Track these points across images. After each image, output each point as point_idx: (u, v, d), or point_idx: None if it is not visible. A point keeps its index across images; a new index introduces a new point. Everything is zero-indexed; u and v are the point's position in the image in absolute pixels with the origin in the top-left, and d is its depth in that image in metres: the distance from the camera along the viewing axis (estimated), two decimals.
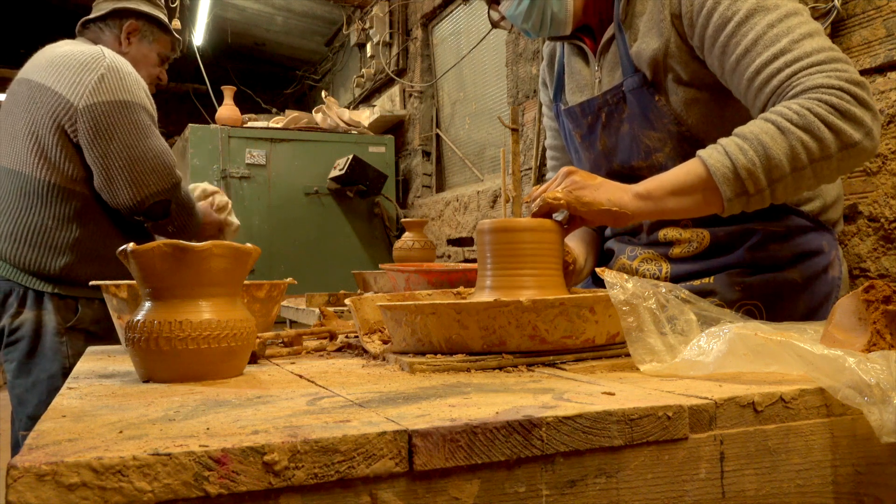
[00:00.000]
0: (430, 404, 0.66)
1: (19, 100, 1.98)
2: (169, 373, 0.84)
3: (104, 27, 2.15)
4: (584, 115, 1.37)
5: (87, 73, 1.89)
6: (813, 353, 0.70)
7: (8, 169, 1.96)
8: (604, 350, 0.92)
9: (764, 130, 1.03)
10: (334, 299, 2.31)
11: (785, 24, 1.10)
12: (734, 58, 1.13)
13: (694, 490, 0.65)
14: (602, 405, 0.64)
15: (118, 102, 1.87)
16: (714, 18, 1.15)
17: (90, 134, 1.86)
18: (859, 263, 1.57)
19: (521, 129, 3.00)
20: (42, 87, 1.92)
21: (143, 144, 1.88)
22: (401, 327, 0.93)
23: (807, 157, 1.03)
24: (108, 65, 1.91)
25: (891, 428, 0.64)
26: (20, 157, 1.93)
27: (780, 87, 1.08)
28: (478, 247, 1.08)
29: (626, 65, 1.27)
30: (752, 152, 1.03)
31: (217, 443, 0.53)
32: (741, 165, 1.03)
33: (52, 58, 1.97)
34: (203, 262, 0.83)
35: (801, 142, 1.02)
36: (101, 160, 1.87)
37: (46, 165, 1.91)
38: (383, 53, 4.42)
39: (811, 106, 1.03)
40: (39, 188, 1.91)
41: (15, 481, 0.48)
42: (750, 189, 1.04)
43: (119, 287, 1.16)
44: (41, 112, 1.90)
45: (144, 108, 1.93)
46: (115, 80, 1.89)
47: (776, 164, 1.03)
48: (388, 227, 4.21)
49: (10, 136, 1.97)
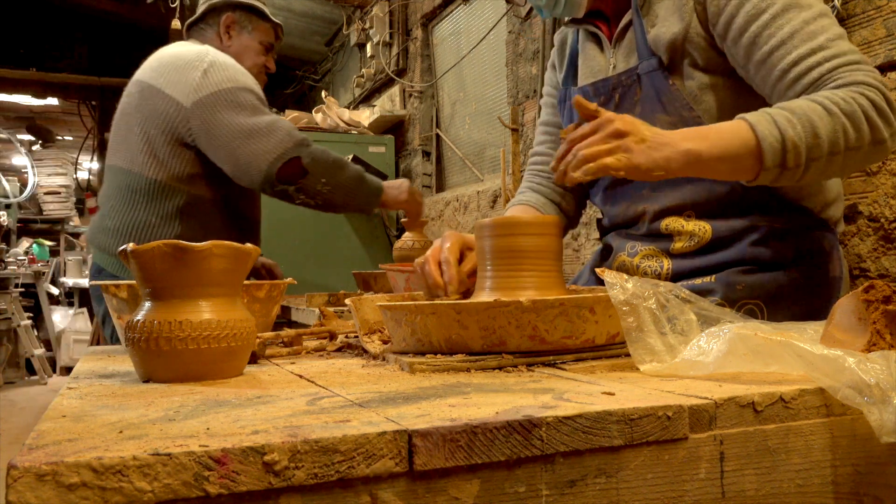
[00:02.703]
0: (430, 404, 0.66)
1: (132, 101, 2.07)
2: (169, 373, 0.84)
3: (205, 27, 2.23)
4: (598, 94, 1.37)
5: (192, 72, 1.97)
6: (813, 353, 0.70)
7: (119, 167, 2.06)
8: (604, 350, 0.92)
9: (812, 109, 1.05)
10: (334, 299, 2.31)
11: (820, 22, 1.13)
12: (767, 48, 1.14)
13: (694, 490, 0.65)
14: (602, 405, 0.64)
15: (222, 91, 1.96)
16: (746, 8, 1.17)
17: (204, 128, 1.95)
18: (859, 263, 1.57)
19: (521, 129, 2.99)
20: (151, 88, 2.01)
21: (251, 120, 1.95)
22: (401, 327, 0.93)
23: (844, 143, 1.05)
24: (210, 60, 1.99)
25: (891, 428, 0.64)
26: (132, 155, 2.02)
27: (820, 80, 1.10)
28: (477, 245, 1.08)
29: (643, 49, 1.29)
30: (800, 127, 1.04)
31: (217, 443, 0.53)
32: (788, 138, 1.04)
33: (161, 59, 2.07)
34: (203, 262, 0.83)
35: (843, 127, 1.05)
36: (222, 149, 1.95)
37: (155, 164, 1.99)
38: (383, 53, 4.42)
39: (855, 97, 1.05)
40: (147, 186, 2.00)
41: (15, 481, 0.48)
42: (790, 163, 1.05)
43: (119, 287, 1.16)
44: (151, 112, 1.99)
45: (249, 89, 2.00)
46: (218, 72, 1.98)
47: (819, 143, 1.04)
48: (388, 227, 4.20)
49: (125, 135, 2.06)
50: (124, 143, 2.06)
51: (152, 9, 5.44)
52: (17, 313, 6.79)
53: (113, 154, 2.12)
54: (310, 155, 1.99)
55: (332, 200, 2.05)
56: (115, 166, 2.08)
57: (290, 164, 1.95)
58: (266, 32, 2.27)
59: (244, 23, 2.23)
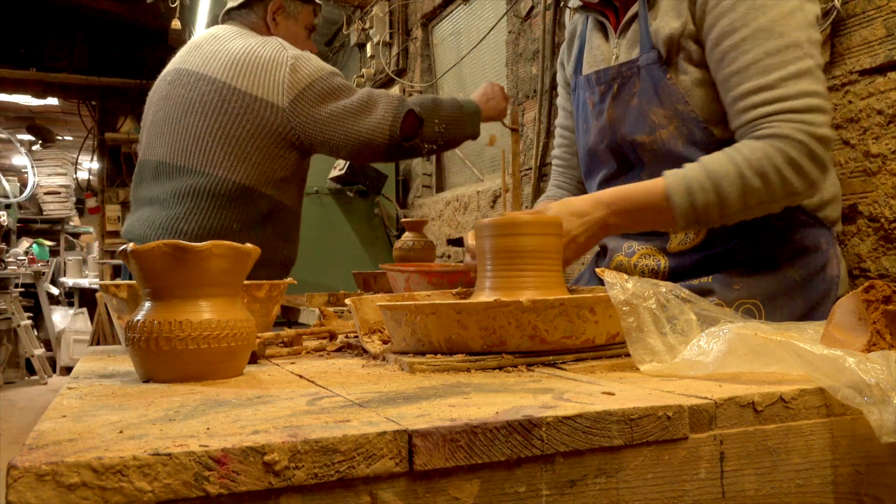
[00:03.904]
0: (430, 404, 0.66)
1: (206, 98, 1.97)
2: (169, 373, 0.84)
3: (249, 12, 2.18)
4: (599, 82, 1.40)
5: (278, 70, 1.95)
6: (813, 353, 0.70)
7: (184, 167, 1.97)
8: (604, 350, 0.92)
9: (726, 173, 1.15)
10: (334, 299, 2.30)
11: (782, 56, 1.15)
12: (727, 71, 1.20)
13: (694, 490, 0.65)
14: (602, 405, 0.64)
15: (314, 82, 1.96)
16: (724, 22, 1.19)
17: (310, 122, 1.94)
18: (859, 263, 1.56)
19: (521, 129, 2.99)
20: (233, 90, 1.95)
21: (352, 100, 1.96)
22: (401, 327, 0.93)
23: (756, 199, 1.15)
24: (291, 55, 1.98)
25: (891, 428, 0.64)
26: (206, 157, 1.95)
27: (754, 122, 1.17)
28: (477, 245, 1.08)
29: (645, 41, 1.30)
30: (712, 193, 1.15)
31: (217, 443, 0.53)
32: (698, 203, 1.15)
33: (232, 54, 1.99)
34: (203, 262, 0.83)
35: (753, 187, 1.14)
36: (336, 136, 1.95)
37: (243, 167, 1.95)
38: (383, 53, 4.42)
39: (773, 155, 1.13)
40: (231, 190, 1.94)
41: (15, 481, 0.48)
42: (702, 220, 1.19)
43: (119, 287, 1.16)
44: (238, 115, 1.94)
45: (335, 73, 2.01)
46: (303, 65, 1.97)
47: (727, 204, 1.16)
48: (388, 227, 4.20)
49: (194, 136, 1.97)
50: (186, 141, 1.97)
51: (152, 9, 5.44)
52: (17, 313, 6.79)
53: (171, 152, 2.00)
54: (416, 104, 2.00)
55: (449, 136, 2.06)
56: (180, 166, 1.98)
57: (405, 119, 1.96)
58: (308, 16, 2.26)
59: (290, 8, 2.21)
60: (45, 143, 9.45)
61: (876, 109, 1.51)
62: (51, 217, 9.39)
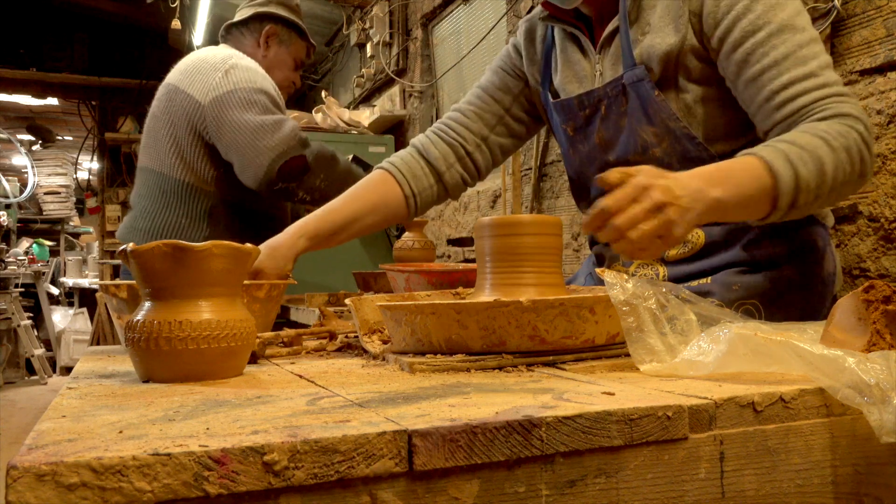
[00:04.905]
0: (429, 404, 0.66)
1: (161, 104, 2.11)
2: (169, 373, 0.84)
3: (245, 31, 2.26)
4: (583, 107, 1.36)
5: (214, 73, 2.01)
6: (813, 353, 0.70)
7: (150, 169, 2.10)
8: (604, 350, 0.92)
9: (818, 145, 1.03)
10: (334, 299, 2.30)
11: (812, 48, 1.13)
12: (758, 67, 1.14)
13: (694, 490, 0.65)
14: (602, 405, 0.64)
15: (237, 90, 1.99)
16: (743, 23, 1.15)
17: (216, 124, 1.98)
18: (859, 263, 1.56)
19: None
20: (177, 91, 2.06)
21: (259, 118, 1.97)
22: (401, 327, 0.93)
23: (842, 177, 1.05)
24: (233, 63, 2.03)
25: (891, 428, 0.64)
26: (161, 157, 2.07)
27: (808, 107, 1.09)
28: (476, 244, 1.08)
29: (627, 58, 1.27)
30: (811, 165, 1.02)
31: (217, 443, 0.53)
32: (802, 177, 1.02)
33: (189, 62, 2.11)
34: (203, 262, 0.83)
35: (842, 162, 1.04)
36: (229, 145, 1.98)
37: (183, 165, 2.04)
38: (383, 53, 4.42)
39: (849, 131, 1.05)
40: (176, 187, 2.04)
41: (15, 481, 0.48)
42: (800, 202, 1.03)
43: (119, 287, 1.16)
44: (178, 114, 2.03)
45: (264, 91, 2.03)
46: (238, 73, 2.01)
47: (825, 180, 1.03)
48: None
49: (154, 138, 2.11)
50: (154, 145, 2.10)
51: (152, 9, 5.44)
52: (17, 313, 6.79)
53: (144, 156, 2.16)
54: (312, 153, 2.02)
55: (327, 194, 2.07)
56: (147, 168, 2.12)
57: (293, 161, 1.98)
58: (301, 50, 2.33)
59: (284, 37, 2.27)
60: (45, 143, 9.45)
61: (876, 109, 1.51)
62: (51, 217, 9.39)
